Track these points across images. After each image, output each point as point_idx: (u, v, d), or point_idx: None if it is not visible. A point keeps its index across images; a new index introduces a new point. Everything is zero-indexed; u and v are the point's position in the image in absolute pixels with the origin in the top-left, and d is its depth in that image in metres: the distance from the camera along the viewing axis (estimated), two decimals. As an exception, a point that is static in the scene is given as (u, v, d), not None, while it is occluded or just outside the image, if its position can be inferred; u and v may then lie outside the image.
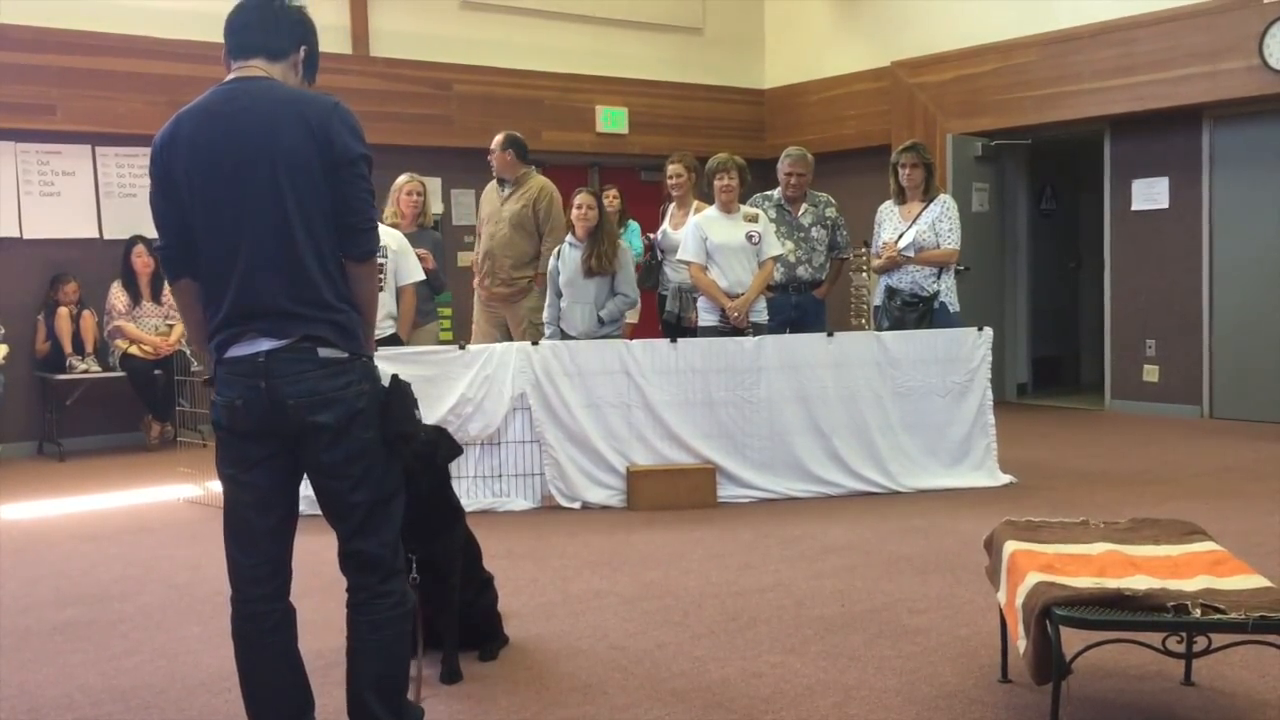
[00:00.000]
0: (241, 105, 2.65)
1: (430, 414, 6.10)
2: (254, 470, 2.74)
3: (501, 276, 7.30)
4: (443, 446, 3.66)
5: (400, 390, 2.80)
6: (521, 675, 3.60)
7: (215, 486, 6.85)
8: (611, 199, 8.06)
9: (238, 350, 2.65)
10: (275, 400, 2.61)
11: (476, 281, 7.47)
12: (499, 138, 7.34)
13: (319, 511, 2.82)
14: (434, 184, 9.72)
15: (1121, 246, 9.70)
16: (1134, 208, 9.58)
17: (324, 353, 2.64)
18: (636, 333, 7.60)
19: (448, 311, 9.17)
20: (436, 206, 9.71)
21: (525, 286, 7.22)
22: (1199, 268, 9.14)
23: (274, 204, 2.61)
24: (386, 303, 6.39)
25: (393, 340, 6.37)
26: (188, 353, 8.63)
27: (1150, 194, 9.49)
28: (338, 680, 3.55)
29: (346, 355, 2.68)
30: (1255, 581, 2.83)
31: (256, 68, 2.73)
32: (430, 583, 3.53)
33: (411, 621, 2.89)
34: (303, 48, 2.80)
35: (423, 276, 6.61)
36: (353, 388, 2.67)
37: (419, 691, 3.35)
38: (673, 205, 7.51)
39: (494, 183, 7.46)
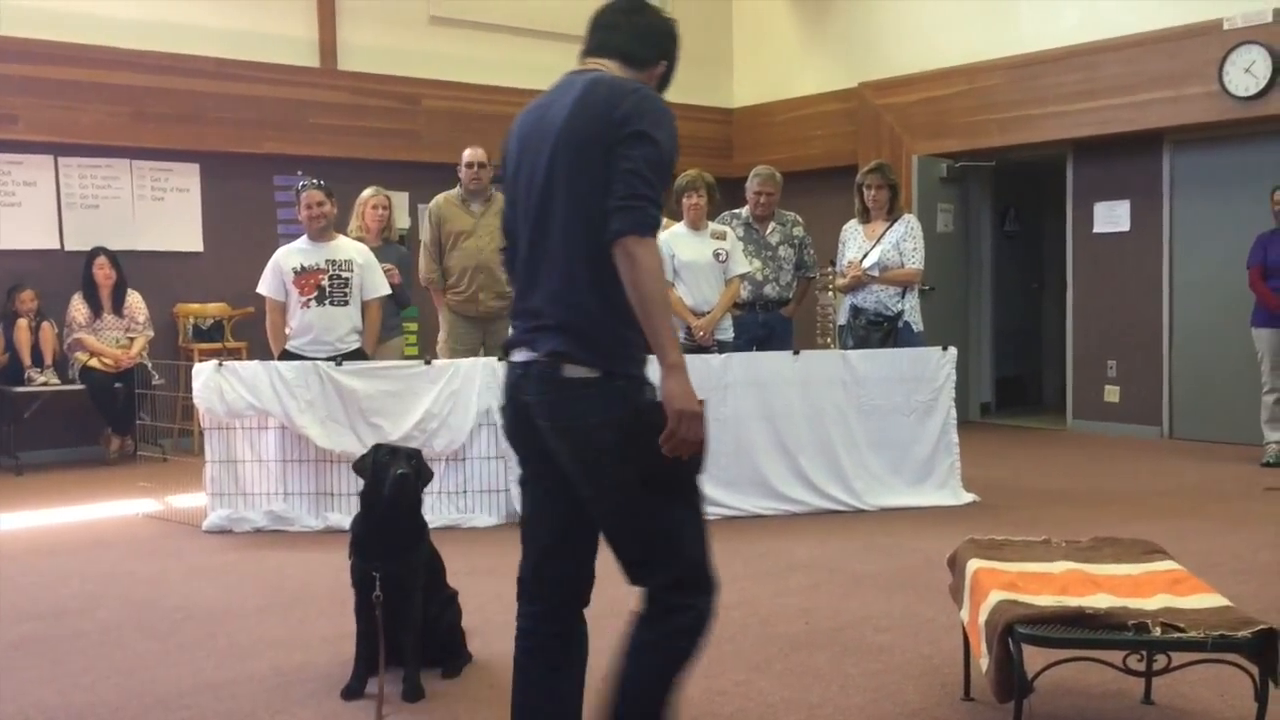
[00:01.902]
0: (556, 95, 2.52)
1: (395, 429, 6.08)
2: (526, 485, 2.64)
3: (496, 290, 7.24)
4: (424, 472, 3.67)
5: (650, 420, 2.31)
6: (485, 693, 3.57)
7: (176, 501, 6.80)
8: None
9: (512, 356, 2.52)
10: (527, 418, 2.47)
11: (460, 297, 7.35)
12: (482, 152, 7.31)
13: (283, 527, 2.78)
14: (401, 199, 9.69)
15: (1083, 268, 9.81)
16: (1096, 230, 9.69)
17: (569, 371, 2.36)
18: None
19: (414, 326, 9.13)
20: (403, 221, 9.68)
21: None
22: (1159, 290, 9.26)
23: (543, 194, 2.43)
24: (353, 317, 6.37)
25: (358, 355, 6.34)
26: (149, 366, 8.54)
27: (1112, 216, 9.61)
28: (298, 697, 3.51)
29: (598, 374, 2.37)
30: (1214, 600, 2.86)
31: (603, 66, 2.57)
32: (394, 600, 3.50)
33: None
34: (663, 62, 2.63)
35: (389, 291, 6.59)
36: (595, 416, 2.35)
37: (380, 709, 3.32)
38: None
39: (452, 197, 7.38)
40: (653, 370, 2.37)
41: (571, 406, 2.36)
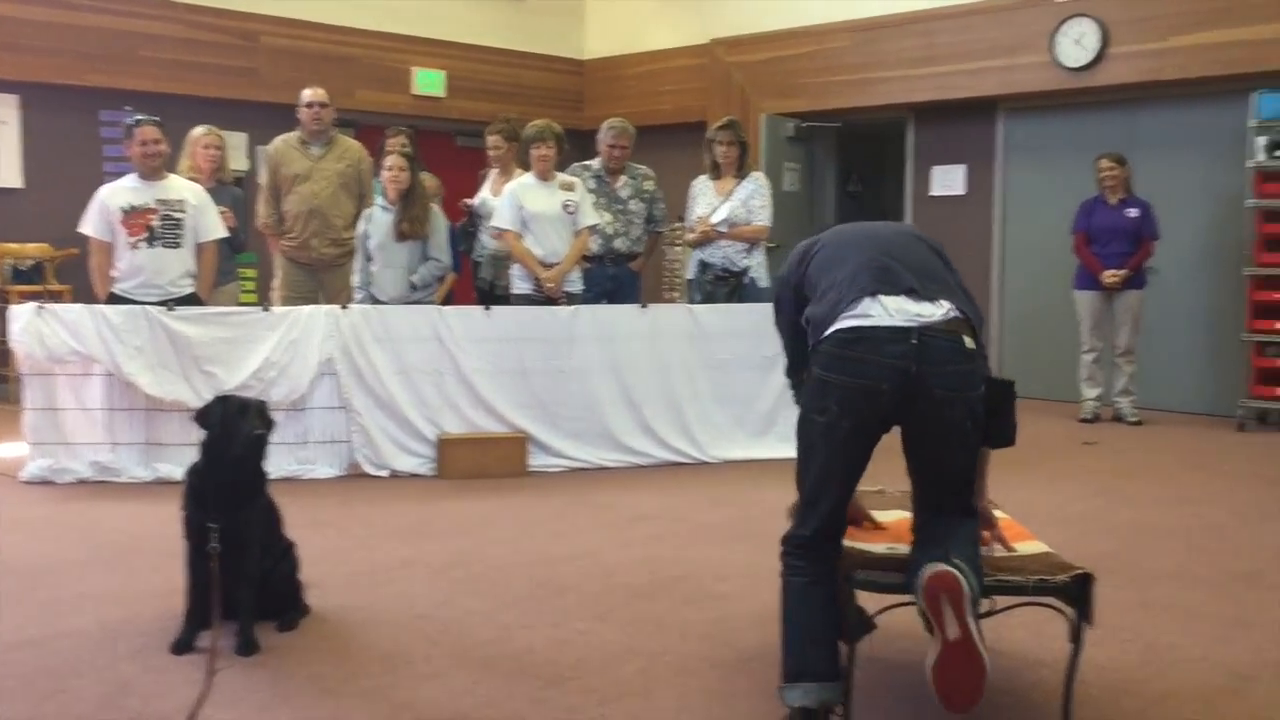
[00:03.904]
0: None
1: (231, 378, 5.88)
2: (842, 437, 2.81)
3: (331, 236, 7.05)
4: (270, 425, 3.60)
5: None
6: (323, 645, 3.50)
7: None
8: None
9: None
10: None
11: (294, 243, 7.13)
12: (323, 92, 7.08)
13: (110, 478, 2.65)
14: (238, 139, 9.32)
15: (921, 229, 10.08)
16: (932, 193, 10.00)
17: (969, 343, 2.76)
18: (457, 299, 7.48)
19: (251, 273, 8.82)
20: (240, 163, 9.31)
21: (354, 248, 6.91)
22: (990, 253, 9.63)
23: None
24: (185, 260, 6.11)
25: (191, 300, 6.10)
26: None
27: (948, 180, 9.93)
28: (124, 652, 3.38)
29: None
30: (1035, 547, 3.00)
31: None
32: (230, 553, 3.40)
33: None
34: None
35: (224, 234, 6.34)
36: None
37: (212, 663, 3.23)
38: (494, 172, 7.42)
39: (291, 140, 7.15)
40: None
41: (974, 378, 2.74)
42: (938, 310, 2.74)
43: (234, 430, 3.49)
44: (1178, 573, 4.36)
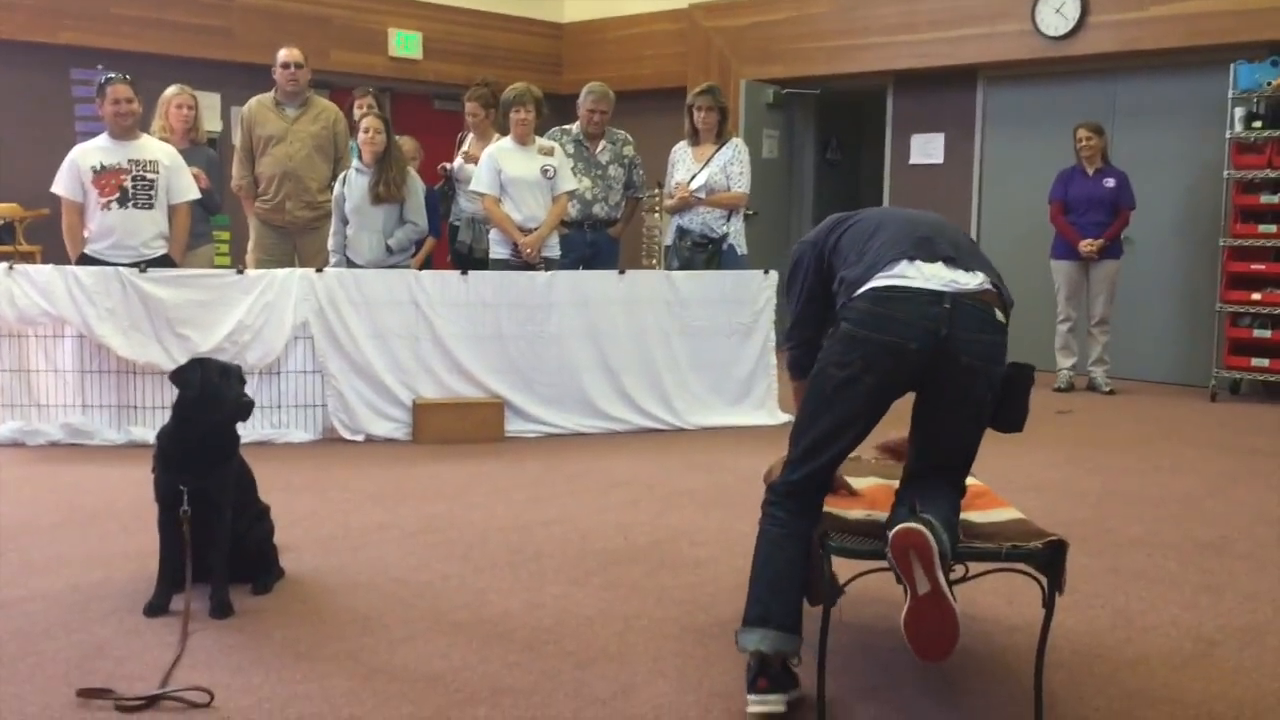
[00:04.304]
0: None
1: (205, 341, 5.84)
2: (862, 392, 2.84)
3: (306, 199, 6.99)
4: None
5: None
6: (297, 608, 3.50)
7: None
8: None
9: None
10: None
11: (268, 205, 7.06)
12: (298, 53, 7.01)
13: (82, 440, 2.63)
14: (212, 100, 9.22)
15: (899, 198, 10.10)
16: (912, 161, 10.00)
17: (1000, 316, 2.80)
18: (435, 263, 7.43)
19: (225, 235, 8.74)
20: (214, 123, 9.20)
21: (329, 211, 6.85)
22: (968, 222, 9.64)
23: None
24: (158, 221, 6.04)
25: (164, 261, 6.04)
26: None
27: (927, 149, 9.92)
28: (97, 614, 3.37)
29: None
30: (1009, 514, 3.01)
31: None
32: (202, 515, 3.38)
33: None
34: None
35: (198, 195, 6.28)
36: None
37: (186, 626, 3.21)
38: (471, 136, 7.37)
39: (266, 100, 7.08)
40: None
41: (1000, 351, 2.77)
42: (973, 279, 2.76)
43: (218, 394, 3.46)
44: (1148, 540, 4.40)
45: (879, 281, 2.77)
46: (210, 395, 3.46)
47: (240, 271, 6.17)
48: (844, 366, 2.75)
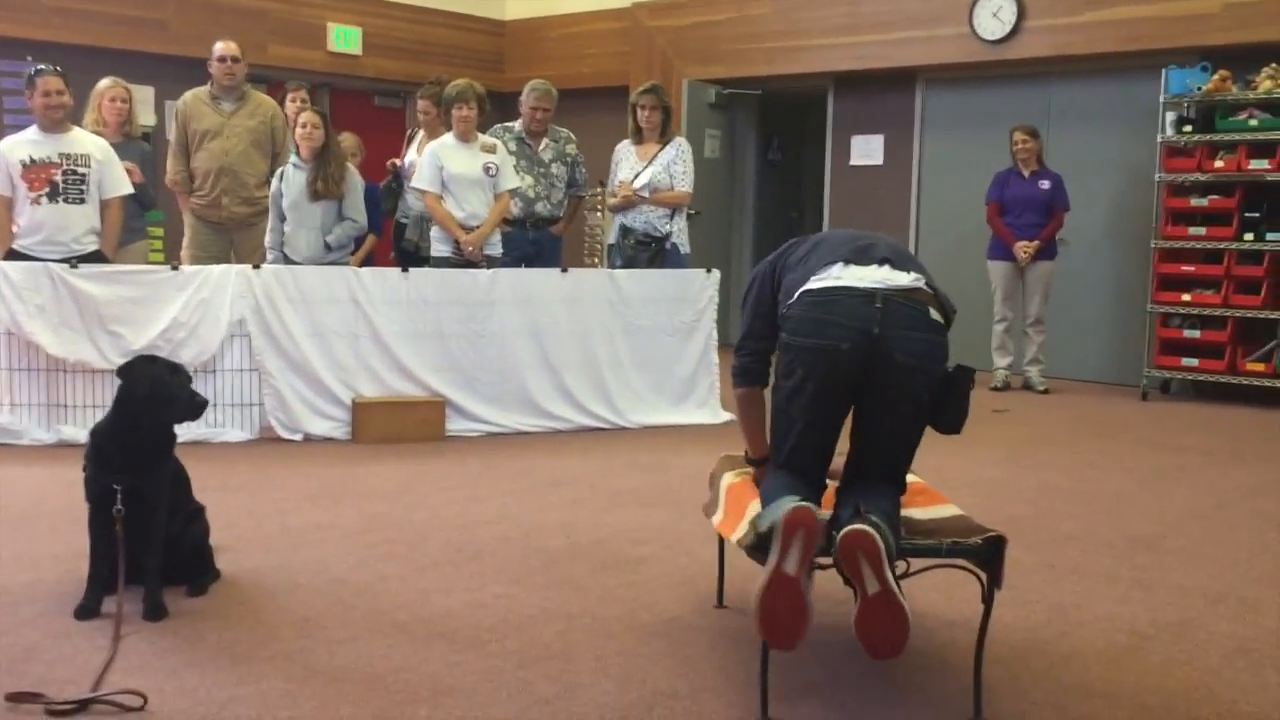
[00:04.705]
0: None
1: (138, 338, 5.73)
2: (810, 400, 2.88)
3: (243, 195, 6.89)
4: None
5: None
6: (234, 610, 3.44)
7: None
8: None
9: None
10: None
11: (204, 201, 6.94)
12: (235, 46, 6.90)
13: (10, 440, 2.56)
14: (146, 93, 9.05)
15: (839, 199, 10.19)
16: (852, 162, 10.08)
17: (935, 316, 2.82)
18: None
19: (158, 231, 8.58)
20: (148, 118, 9.04)
21: (266, 207, 6.74)
22: (907, 222, 9.75)
23: None
24: (90, 217, 5.92)
25: (96, 257, 5.91)
26: None
27: (867, 150, 10.01)
28: (26, 617, 3.29)
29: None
30: (949, 510, 3.05)
31: None
32: (136, 515, 3.31)
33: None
34: None
35: (131, 190, 6.15)
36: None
37: (118, 628, 3.15)
38: (422, 133, 7.32)
39: (201, 94, 6.96)
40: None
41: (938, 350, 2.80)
42: (906, 278, 2.80)
43: (167, 392, 3.40)
44: (1082, 536, 4.47)
45: (812, 284, 2.82)
46: (158, 393, 3.39)
47: (175, 268, 6.07)
48: (788, 377, 2.80)
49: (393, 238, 7.44)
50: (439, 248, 6.59)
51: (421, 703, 2.81)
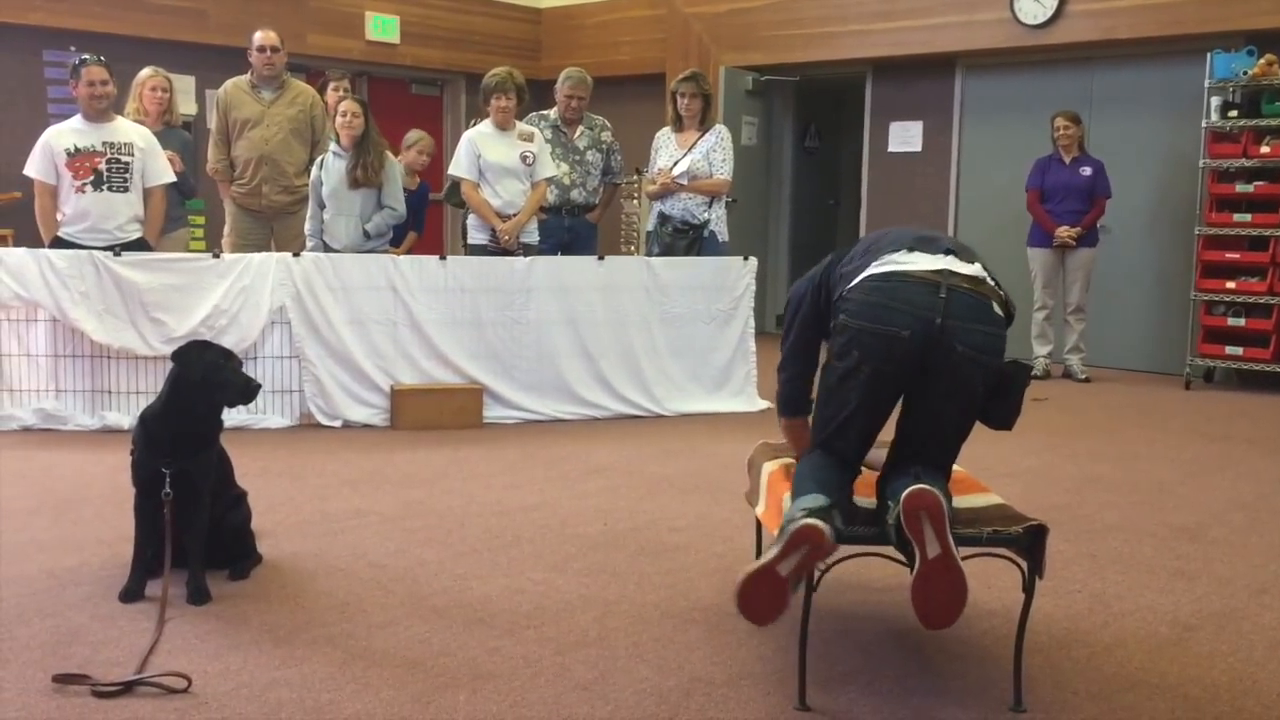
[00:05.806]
0: None
1: (180, 325, 5.80)
2: (865, 383, 2.85)
3: (283, 183, 6.94)
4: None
5: None
6: (275, 594, 3.48)
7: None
8: None
9: None
10: None
11: (244, 189, 7.00)
12: (274, 36, 6.94)
13: (55, 426, 2.59)
14: (186, 82, 9.12)
15: (877, 186, 10.12)
16: (890, 149, 10.01)
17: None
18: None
19: (200, 219, 8.67)
20: (189, 107, 9.11)
21: (306, 195, 6.79)
22: (945, 210, 9.67)
23: None
24: (134, 205, 5.98)
25: (139, 245, 5.98)
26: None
27: (905, 137, 9.93)
28: (72, 600, 3.34)
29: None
30: (989, 499, 3.03)
31: None
32: (182, 499, 3.35)
33: None
34: None
35: (173, 178, 6.22)
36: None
37: (163, 611, 3.19)
38: None
39: (241, 83, 7.01)
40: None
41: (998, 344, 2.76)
42: (971, 268, 2.78)
43: (220, 376, 3.45)
44: (1124, 526, 4.43)
45: (876, 269, 2.79)
46: (211, 378, 3.43)
47: (216, 255, 6.12)
48: (843, 358, 2.76)
49: (463, 235, 7.38)
50: (476, 236, 6.61)
51: (461, 687, 2.83)
